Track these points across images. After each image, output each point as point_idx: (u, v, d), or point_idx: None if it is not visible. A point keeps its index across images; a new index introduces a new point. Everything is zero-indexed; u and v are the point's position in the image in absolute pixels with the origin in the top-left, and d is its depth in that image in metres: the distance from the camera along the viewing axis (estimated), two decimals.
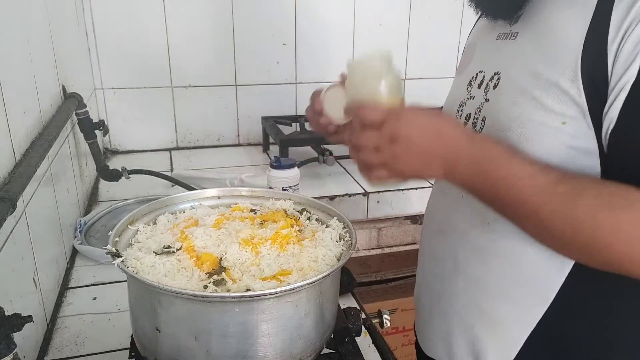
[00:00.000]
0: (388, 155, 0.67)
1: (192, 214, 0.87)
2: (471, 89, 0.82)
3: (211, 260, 0.72)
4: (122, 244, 0.77)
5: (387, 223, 1.63)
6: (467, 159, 0.66)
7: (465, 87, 0.84)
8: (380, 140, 0.66)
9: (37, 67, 1.08)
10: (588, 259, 0.65)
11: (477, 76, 0.81)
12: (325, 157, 1.66)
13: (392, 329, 1.82)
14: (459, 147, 0.66)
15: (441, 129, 0.67)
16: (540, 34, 0.71)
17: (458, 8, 2.11)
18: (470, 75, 0.84)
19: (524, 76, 0.71)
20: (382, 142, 0.66)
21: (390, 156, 0.67)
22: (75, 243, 1.22)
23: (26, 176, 0.84)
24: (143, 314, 0.71)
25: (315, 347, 0.74)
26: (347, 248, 0.77)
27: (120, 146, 1.94)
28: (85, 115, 1.37)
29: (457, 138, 0.67)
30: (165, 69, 1.88)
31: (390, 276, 1.89)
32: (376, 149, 0.67)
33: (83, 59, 1.72)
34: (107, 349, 0.91)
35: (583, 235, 0.61)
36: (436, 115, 0.69)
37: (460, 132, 0.68)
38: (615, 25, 0.61)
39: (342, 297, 0.98)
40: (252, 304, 0.65)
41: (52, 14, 1.26)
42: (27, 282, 0.89)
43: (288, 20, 1.95)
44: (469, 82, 0.83)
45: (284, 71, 2.01)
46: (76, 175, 1.38)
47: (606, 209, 0.60)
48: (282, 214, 0.86)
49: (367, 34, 2.04)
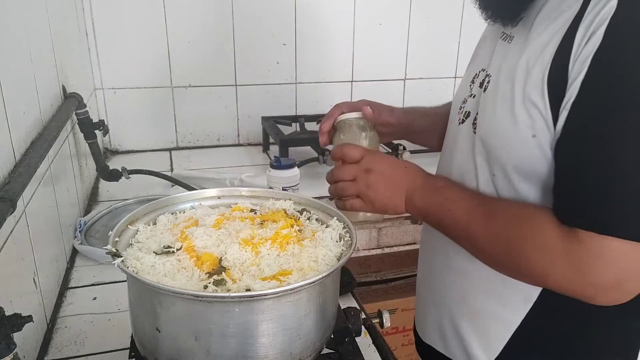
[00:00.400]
0: (362, 184, 0.82)
1: (192, 214, 0.87)
2: (473, 86, 0.83)
3: (211, 260, 0.72)
4: (122, 244, 0.77)
5: (387, 223, 1.62)
6: (421, 189, 0.80)
7: (468, 84, 0.85)
8: (357, 172, 0.82)
9: (37, 67, 1.08)
10: (518, 274, 0.72)
11: (479, 74, 0.82)
12: (325, 157, 1.66)
13: (392, 329, 1.82)
14: (416, 180, 0.81)
15: (407, 165, 0.84)
16: (525, 42, 0.70)
17: (458, 8, 2.11)
18: (474, 71, 0.84)
19: (506, 83, 0.72)
20: (358, 173, 0.82)
21: (365, 185, 0.81)
22: (75, 243, 1.22)
23: (26, 176, 0.84)
24: (143, 314, 0.71)
25: (315, 347, 0.74)
26: (347, 248, 0.77)
27: (120, 146, 1.94)
28: (85, 115, 1.37)
29: (416, 173, 0.82)
30: (165, 69, 1.88)
31: (390, 276, 1.89)
32: (353, 180, 0.83)
33: (83, 59, 1.72)
34: (107, 349, 0.91)
35: (501, 248, 0.70)
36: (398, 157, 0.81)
37: (419, 170, 0.83)
38: (577, 42, 0.62)
39: (342, 297, 0.98)
40: (252, 304, 0.65)
41: (52, 14, 1.26)
42: (27, 282, 0.89)
43: (288, 20, 1.95)
44: (472, 79, 0.84)
45: (284, 71, 2.01)
46: (76, 175, 1.38)
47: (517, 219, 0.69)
48: (282, 214, 0.86)
49: (367, 34, 2.04)
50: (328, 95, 2.06)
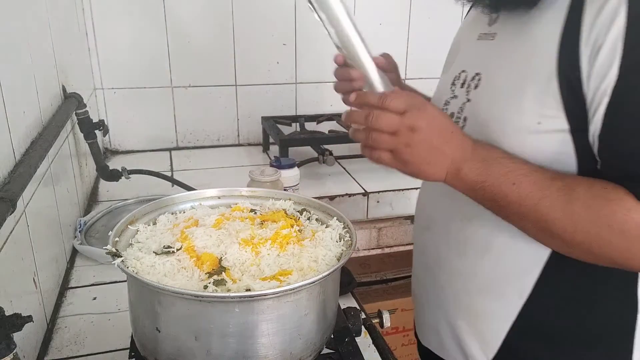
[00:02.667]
0: (402, 141, 0.68)
1: (192, 214, 0.87)
2: (455, 88, 0.83)
3: (211, 261, 0.72)
4: (122, 244, 0.77)
5: (387, 223, 1.63)
6: (473, 160, 0.69)
7: (449, 86, 0.85)
8: (400, 127, 0.67)
9: (37, 67, 1.08)
10: (591, 256, 0.66)
11: (460, 75, 0.83)
12: (325, 157, 1.66)
13: (392, 329, 1.82)
14: (465, 150, 0.70)
15: (455, 130, 0.70)
16: (517, 35, 0.72)
17: (458, 8, 2.10)
18: (453, 74, 0.85)
19: (502, 76, 0.73)
20: (401, 129, 0.67)
21: (404, 143, 0.68)
22: (75, 243, 1.22)
23: (26, 176, 0.84)
24: (143, 314, 0.71)
25: (315, 347, 0.74)
26: (347, 248, 0.77)
27: (120, 146, 1.94)
28: (85, 115, 1.37)
29: (465, 141, 0.70)
30: (165, 69, 1.88)
31: (390, 276, 1.89)
32: (393, 134, 0.68)
33: (83, 59, 1.72)
34: (107, 349, 0.91)
35: (579, 229, 0.64)
36: (450, 118, 0.74)
37: (467, 137, 0.71)
38: (587, 28, 0.63)
39: (342, 297, 0.98)
40: (252, 304, 0.65)
41: (52, 14, 1.26)
42: (27, 282, 0.89)
43: (288, 20, 1.95)
44: (452, 82, 0.84)
45: (284, 71, 2.01)
46: (76, 175, 1.38)
47: (600, 200, 0.63)
48: (282, 214, 0.86)
49: (367, 33, 2.03)
50: (328, 95, 2.05)
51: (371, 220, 1.60)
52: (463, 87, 0.81)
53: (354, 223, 0.82)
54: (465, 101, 0.80)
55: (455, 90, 0.83)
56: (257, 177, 1.20)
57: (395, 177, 1.68)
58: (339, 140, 1.76)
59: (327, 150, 1.68)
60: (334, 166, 1.69)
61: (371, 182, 1.63)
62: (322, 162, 1.66)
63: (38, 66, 1.09)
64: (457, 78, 0.83)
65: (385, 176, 1.69)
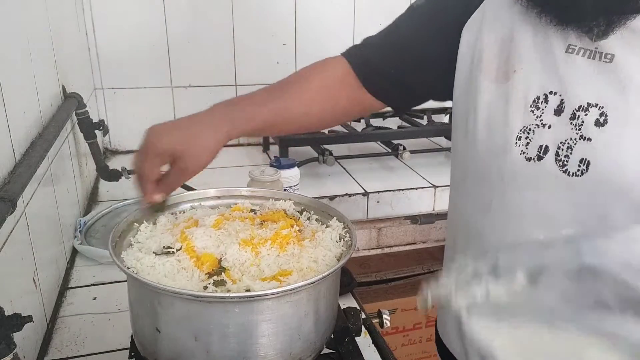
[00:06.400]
0: None
1: (192, 214, 0.87)
2: (540, 113, 0.67)
3: (211, 261, 0.72)
4: (122, 244, 0.77)
5: (387, 223, 1.63)
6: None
7: (525, 107, 0.68)
8: None
9: (37, 67, 1.08)
10: None
11: (547, 98, 0.66)
12: (325, 157, 1.66)
13: (392, 329, 1.82)
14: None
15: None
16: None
17: None
18: (529, 92, 0.68)
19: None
20: None
21: None
22: (75, 243, 1.22)
23: (26, 176, 0.84)
24: (143, 314, 0.71)
25: (315, 347, 0.74)
26: (347, 248, 0.77)
27: (120, 146, 1.94)
28: (85, 115, 1.37)
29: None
30: (165, 69, 1.88)
31: (390, 276, 1.89)
32: None
33: (83, 59, 1.72)
34: (107, 349, 0.91)
35: None
36: None
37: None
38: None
39: (342, 297, 0.98)
40: (252, 304, 0.65)
41: (52, 14, 1.26)
42: (27, 282, 0.89)
43: (288, 20, 1.95)
44: (533, 103, 0.68)
45: (284, 71, 1.99)
46: (76, 175, 1.38)
47: None
48: (282, 214, 0.86)
49: (367, 34, 2.03)
50: None
51: (371, 220, 1.60)
52: (561, 115, 0.65)
53: (354, 223, 0.82)
54: (578, 138, 0.64)
55: (542, 116, 0.67)
56: (257, 177, 1.20)
57: (395, 177, 1.69)
58: (339, 140, 1.76)
59: (327, 150, 1.68)
60: (334, 166, 1.70)
61: (371, 182, 1.63)
62: (322, 162, 1.66)
63: (38, 66, 1.09)
64: (540, 100, 0.67)
65: (385, 176, 1.69)
